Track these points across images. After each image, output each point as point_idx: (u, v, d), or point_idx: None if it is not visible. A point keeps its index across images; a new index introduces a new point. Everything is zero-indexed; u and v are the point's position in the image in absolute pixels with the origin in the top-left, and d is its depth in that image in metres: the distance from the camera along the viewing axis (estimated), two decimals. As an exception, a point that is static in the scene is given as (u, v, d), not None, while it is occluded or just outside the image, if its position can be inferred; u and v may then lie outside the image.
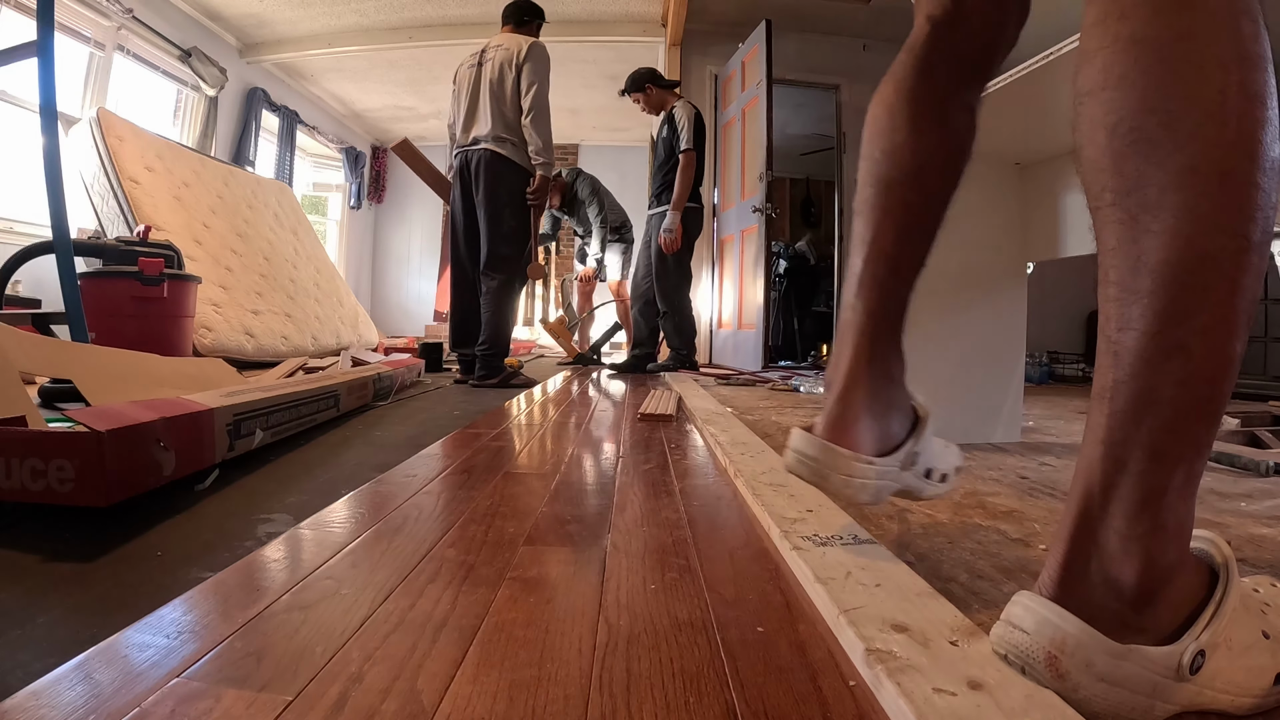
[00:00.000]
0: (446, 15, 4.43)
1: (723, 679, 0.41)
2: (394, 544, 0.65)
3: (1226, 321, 0.34)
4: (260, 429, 1.13)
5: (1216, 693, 0.37)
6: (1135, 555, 0.36)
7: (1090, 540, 0.37)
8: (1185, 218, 0.34)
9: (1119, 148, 0.36)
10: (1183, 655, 0.35)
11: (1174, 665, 0.35)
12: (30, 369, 1.25)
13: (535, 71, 2.46)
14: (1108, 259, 0.37)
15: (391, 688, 0.39)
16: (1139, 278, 0.35)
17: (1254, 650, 0.38)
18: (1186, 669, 0.35)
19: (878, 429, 0.59)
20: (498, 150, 2.46)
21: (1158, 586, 0.36)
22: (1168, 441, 0.36)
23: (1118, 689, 0.35)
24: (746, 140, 3.82)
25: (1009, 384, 1.39)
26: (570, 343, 4.21)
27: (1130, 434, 0.36)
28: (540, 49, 2.51)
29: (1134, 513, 0.36)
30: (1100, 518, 0.37)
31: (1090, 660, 0.35)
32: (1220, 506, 0.87)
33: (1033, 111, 1.09)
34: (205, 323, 2.81)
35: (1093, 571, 0.37)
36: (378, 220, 7.30)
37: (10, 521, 0.76)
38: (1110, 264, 0.37)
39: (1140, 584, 0.36)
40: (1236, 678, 0.37)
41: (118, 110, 3.35)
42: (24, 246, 1.96)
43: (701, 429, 1.40)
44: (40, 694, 0.37)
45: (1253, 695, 0.38)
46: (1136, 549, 0.36)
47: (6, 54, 1.71)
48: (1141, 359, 0.35)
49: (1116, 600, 0.36)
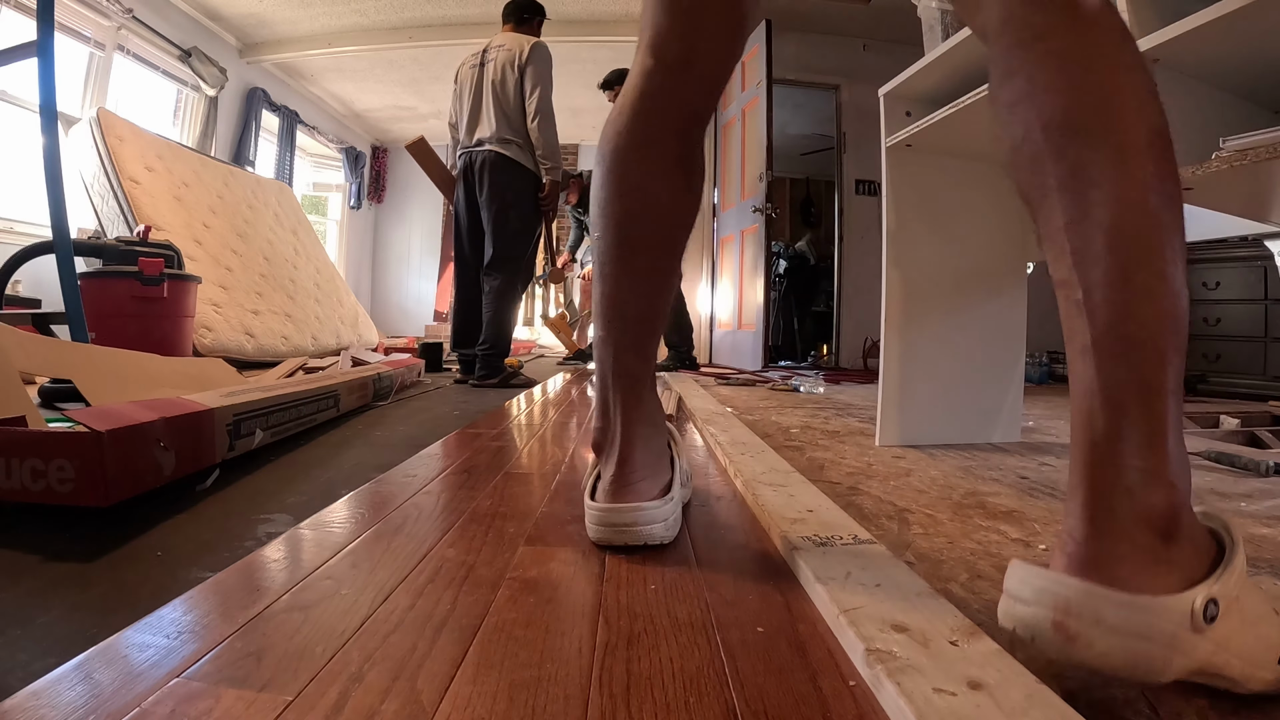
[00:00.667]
0: (446, 15, 4.43)
1: (723, 679, 0.41)
2: (394, 544, 0.65)
3: (1175, 261, 0.40)
4: (260, 429, 1.13)
5: (1230, 655, 0.37)
6: (1159, 484, 0.38)
7: (1113, 482, 0.39)
8: (1126, 185, 0.40)
9: (1058, 140, 0.42)
10: (1195, 601, 0.36)
11: (1187, 612, 0.36)
12: (30, 369, 1.26)
13: (538, 74, 2.45)
14: (1060, 235, 0.42)
15: (391, 688, 0.39)
16: (1095, 242, 0.40)
17: (1264, 623, 0.39)
18: (1200, 616, 0.36)
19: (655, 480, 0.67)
20: (502, 151, 2.46)
21: (1182, 514, 0.38)
22: (1157, 375, 0.39)
23: (1134, 640, 0.35)
24: (746, 140, 3.82)
25: (1009, 384, 1.39)
26: (571, 339, 4.27)
27: (1123, 377, 0.39)
28: (542, 50, 2.50)
29: (1146, 446, 0.39)
30: (1115, 461, 0.39)
31: (1099, 615, 0.36)
32: (1220, 506, 0.87)
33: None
34: (205, 323, 2.81)
35: (1121, 511, 0.38)
36: (378, 220, 7.30)
37: (10, 521, 0.76)
38: (1064, 238, 0.42)
39: (1168, 511, 0.38)
40: (1248, 644, 0.38)
41: (118, 110, 3.35)
42: (24, 246, 1.95)
43: (701, 429, 1.40)
44: (40, 694, 0.37)
45: (1262, 669, 0.38)
46: (1157, 479, 0.38)
47: (6, 54, 1.71)
48: (1116, 309, 0.40)
49: (1149, 532, 0.38)
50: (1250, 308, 3.11)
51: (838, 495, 0.87)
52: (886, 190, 1.29)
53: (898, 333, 1.28)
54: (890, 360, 1.28)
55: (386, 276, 7.34)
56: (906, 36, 2.47)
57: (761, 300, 3.56)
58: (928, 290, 1.30)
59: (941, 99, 1.16)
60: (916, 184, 1.29)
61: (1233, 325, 3.16)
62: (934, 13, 1.18)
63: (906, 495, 0.90)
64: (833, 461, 1.12)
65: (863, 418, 1.69)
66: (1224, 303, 3.20)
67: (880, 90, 1.30)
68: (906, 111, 1.27)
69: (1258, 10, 0.63)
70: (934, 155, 1.28)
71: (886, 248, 1.28)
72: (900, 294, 1.28)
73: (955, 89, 1.14)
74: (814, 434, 1.43)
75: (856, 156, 4.24)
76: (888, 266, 1.28)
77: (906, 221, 1.28)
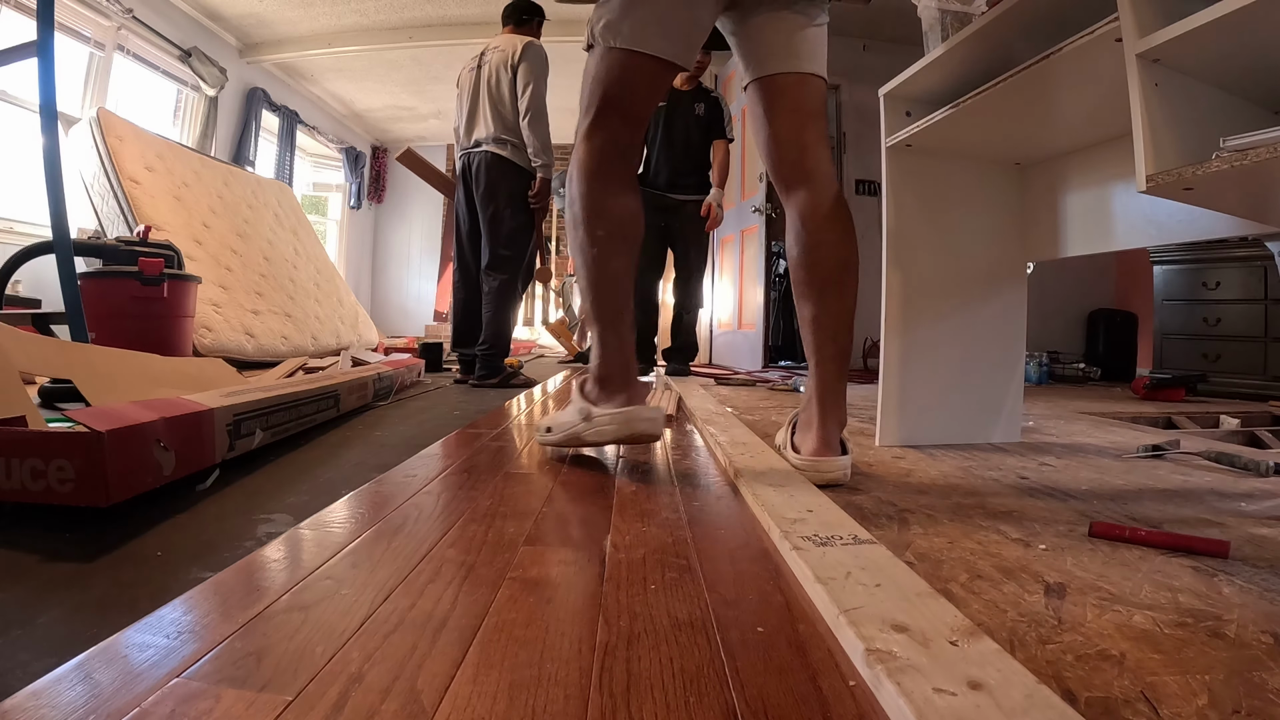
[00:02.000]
0: (446, 15, 4.43)
1: (723, 679, 0.41)
2: (394, 544, 0.65)
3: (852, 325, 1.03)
4: (260, 429, 1.13)
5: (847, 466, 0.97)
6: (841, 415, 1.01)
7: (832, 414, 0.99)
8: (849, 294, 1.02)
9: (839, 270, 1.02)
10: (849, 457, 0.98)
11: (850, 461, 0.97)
12: (31, 369, 1.26)
13: (531, 72, 2.44)
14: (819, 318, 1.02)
15: (391, 688, 0.39)
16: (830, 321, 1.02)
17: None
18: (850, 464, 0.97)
19: None
20: (497, 152, 2.47)
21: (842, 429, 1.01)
22: (845, 370, 1.02)
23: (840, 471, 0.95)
24: (746, 140, 3.82)
25: (1009, 384, 1.39)
26: (571, 342, 4.33)
27: (840, 370, 1.02)
28: (536, 49, 2.49)
29: (840, 403, 1.01)
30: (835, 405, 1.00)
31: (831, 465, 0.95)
32: (1220, 506, 0.87)
33: (1032, 112, 1.09)
34: (205, 323, 2.81)
35: (833, 426, 0.99)
36: (378, 220, 7.30)
37: (10, 521, 0.76)
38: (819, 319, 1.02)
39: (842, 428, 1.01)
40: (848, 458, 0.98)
41: (118, 110, 3.35)
42: (24, 246, 1.95)
43: (701, 429, 1.40)
44: (40, 694, 0.37)
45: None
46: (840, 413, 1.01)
47: (6, 54, 1.71)
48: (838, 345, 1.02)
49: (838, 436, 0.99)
50: (1250, 308, 3.10)
51: (838, 495, 0.87)
52: (886, 190, 1.29)
53: (898, 333, 1.28)
54: (890, 360, 1.28)
55: (386, 276, 7.34)
56: (906, 36, 2.46)
57: (761, 300, 3.55)
58: (928, 290, 1.30)
59: (941, 99, 1.16)
60: (916, 184, 1.29)
61: (1233, 325, 3.16)
62: (934, 13, 1.18)
63: (906, 495, 0.90)
64: (833, 461, 1.12)
65: (863, 418, 1.68)
66: (1224, 303, 3.20)
67: (880, 90, 1.30)
68: (906, 111, 1.27)
69: (1258, 10, 0.63)
70: (934, 155, 1.28)
71: (886, 248, 1.28)
72: (900, 294, 1.28)
73: (955, 89, 1.14)
74: (814, 434, 1.43)
75: (856, 156, 4.23)
76: (888, 266, 1.28)
77: (906, 221, 1.28)
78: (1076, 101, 1.03)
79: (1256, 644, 0.47)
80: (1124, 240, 1.17)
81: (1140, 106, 0.74)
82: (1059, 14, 0.96)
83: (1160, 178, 0.72)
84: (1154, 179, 0.73)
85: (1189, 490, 0.97)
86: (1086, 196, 1.23)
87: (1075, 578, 0.60)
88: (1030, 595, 0.56)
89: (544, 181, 2.52)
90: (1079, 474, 1.07)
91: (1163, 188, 0.73)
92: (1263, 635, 0.48)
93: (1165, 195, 0.77)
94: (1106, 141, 1.18)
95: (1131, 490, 0.96)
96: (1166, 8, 0.73)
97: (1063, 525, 0.77)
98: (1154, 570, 0.62)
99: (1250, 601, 0.55)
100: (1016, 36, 1.03)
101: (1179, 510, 0.85)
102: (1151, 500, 0.90)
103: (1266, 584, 0.58)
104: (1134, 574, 0.61)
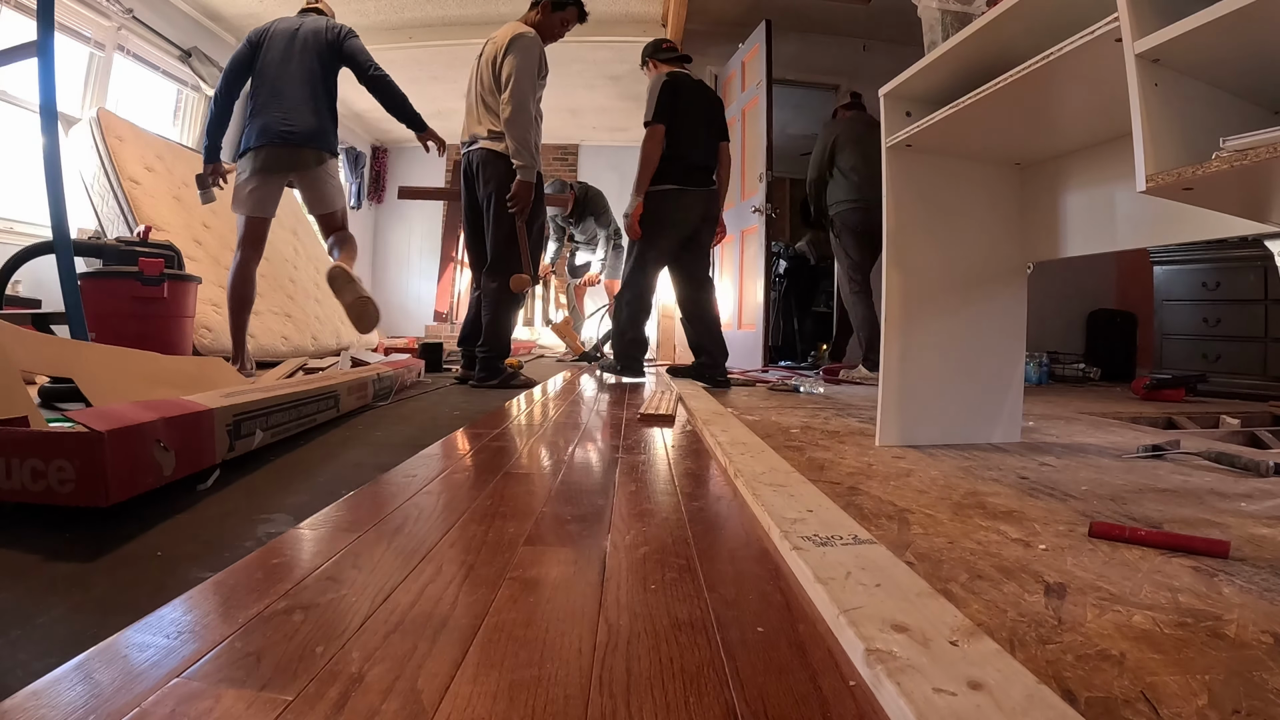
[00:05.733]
0: (446, 15, 4.43)
1: (723, 679, 0.41)
2: (394, 544, 0.65)
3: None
4: (260, 429, 1.13)
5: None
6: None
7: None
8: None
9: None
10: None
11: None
12: (32, 367, 1.26)
13: (514, 63, 2.26)
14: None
15: (391, 688, 0.39)
16: None
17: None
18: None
19: None
20: (491, 147, 2.43)
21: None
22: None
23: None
24: (746, 140, 3.82)
25: (1009, 384, 1.39)
26: (576, 342, 4.50)
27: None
28: (524, 39, 2.32)
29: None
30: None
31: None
32: (1220, 506, 0.87)
33: (1032, 112, 1.09)
34: (205, 323, 2.81)
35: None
36: (378, 220, 7.30)
37: (10, 521, 0.76)
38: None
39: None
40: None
41: (118, 110, 3.35)
42: (24, 246, 1.96)
43: (701, 429, 1.40)
44: (40, 694, 0.37)
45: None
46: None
47: (6, 54, 1.71)
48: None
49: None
50: (1250, 308, 3.10)
51: (838, 495, 0.87)
52: (887, 190, 1.29)
53: (898, 333, 1.28)
54: (890, 360, 1.28)
55: (386, 276, 7.33)
56: (906, 36, 2.46)
57: (761, 300, 3.55)
58: (928, 290, 1.30)
59: (941, 99, 1.16)
60: (916, 184, 1.29)
61: (1233, 325, 3.16)
62: (934, 13, 1.18)
63: (906, 495, 0.90)
64: (833, 461, 1.12)
65: (863, 418, 1.68)
66: (1224, 303, 3.20)
67: (880, 90, 1.30)
68: (906, 111, 1.27)
69: (1258, 10, 0.63)
70: (934, 155, 1.28)
71: (886, 248, 1.28)
72: (900, 294, 1.28)
73: (955, 89, 1.14)
74: (814, 434, 1.43)
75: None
76: (888, 266, 1.28)
77: (906, 221, 1.28)
78: (1076, 101, 1.03)
79: (1256, 644, 0.47)
80: (1124, 240, 1.17)
81: (1140, 106, 0.74)
82: (1059, 14, 0.96)
83: (1160, 178, 0.72)
84: (1154, 179, 0.73)
85: (1189, 490, 0.97)
86: (1086, 196, 1.23)
87: (1075, 578, 0.60)
88: (1030, 595, 0.56)
89: (522, 184, 2.31)
90: (1079, 474, 1.07)
91: (1163, 188, 0.73)
92: (1263, 635, 0.48)
93: (1165, 195, 0.76)
94: (1106, 141, 1.18)
95: (1131, 490, 0.96)
96: (1166, 8, 0.73)
97: (1063, 525, 0.77)
98: (1154, 570, 0.62)
99: (1250, 601, 0.55)
100: (1016, 36, 1.03)
101: (1179, 510, 0.85)
102: (1151, 500, 0.90)
103: (1266, 584, 0.58)
104: (1134, 574, 0.61)
